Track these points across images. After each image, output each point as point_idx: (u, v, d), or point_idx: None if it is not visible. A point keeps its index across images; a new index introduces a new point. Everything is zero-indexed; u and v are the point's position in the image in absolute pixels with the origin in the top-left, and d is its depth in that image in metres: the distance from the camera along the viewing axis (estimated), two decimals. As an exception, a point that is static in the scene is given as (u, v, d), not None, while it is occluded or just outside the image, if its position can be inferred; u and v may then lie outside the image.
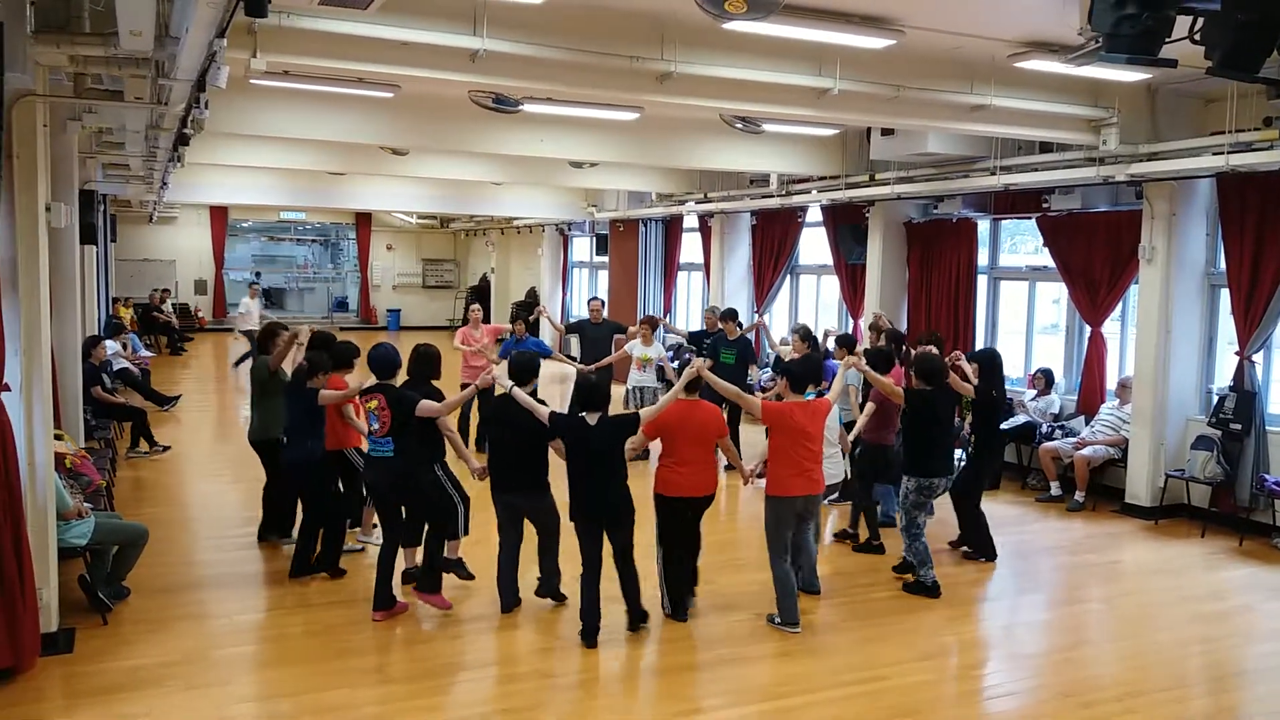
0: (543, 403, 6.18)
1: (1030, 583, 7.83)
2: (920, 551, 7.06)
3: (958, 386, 7.47)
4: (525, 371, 6.32)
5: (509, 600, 6.44)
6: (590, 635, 5.93)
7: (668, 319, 16.86)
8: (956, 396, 7.51)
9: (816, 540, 7.12)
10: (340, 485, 7.31)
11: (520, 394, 6.14)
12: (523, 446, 6.20)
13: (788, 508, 6.26)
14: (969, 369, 7.93)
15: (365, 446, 6.92)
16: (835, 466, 7.74)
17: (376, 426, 6.28)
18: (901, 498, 7.30)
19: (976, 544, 7.96)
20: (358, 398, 6.63)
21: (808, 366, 6.75)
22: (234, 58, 5.79)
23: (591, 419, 5.96)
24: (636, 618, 6.16)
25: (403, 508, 6.46)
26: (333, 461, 7.17)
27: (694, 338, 11.69)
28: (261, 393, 7.56)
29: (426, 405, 6.19)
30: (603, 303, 11.79)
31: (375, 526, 7.50)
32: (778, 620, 6.32)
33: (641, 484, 6.34)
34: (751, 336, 11.33)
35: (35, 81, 5.36)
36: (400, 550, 6.55)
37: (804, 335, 9.51)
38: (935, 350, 8.39)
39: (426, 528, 6.41)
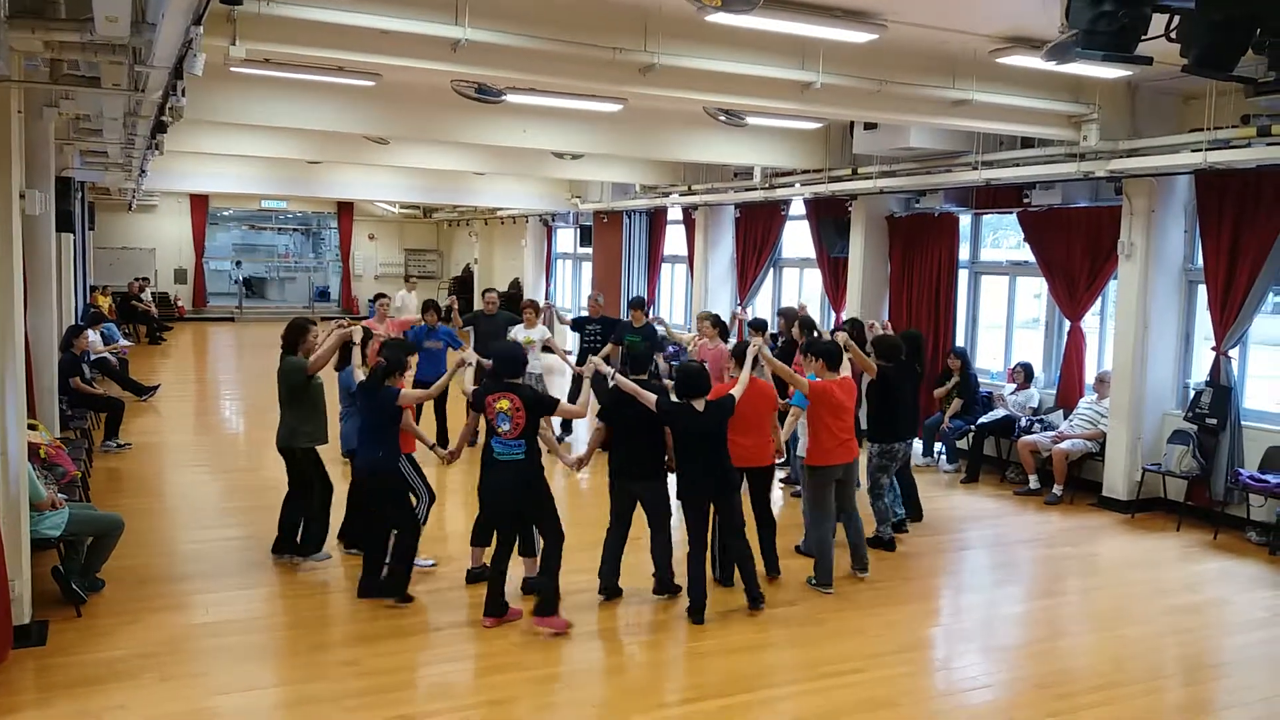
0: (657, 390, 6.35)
1: (1007, 575, 7.89)
2: (881, 511, 7.94)
3: (861, 364, 7.74)
4: (639, 360, 6.38)
5: (611, 589, 6.55)
6: (698, 612, 6.21)
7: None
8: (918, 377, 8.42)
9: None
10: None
11: (625, 382, 6.25)
12: (642, 433, 6.31)
13: (828, 475, 6.93)
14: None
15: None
16: None
17: (508, 428, 5.90)
18: (866, 461, 7.90)
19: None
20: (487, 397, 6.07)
21: (836, 347, 7.17)
22: (214, 45, 5.73)
23: (699, 405, 6.17)
24: (755, 597, 6.41)
25: (522, 514, 6.20)
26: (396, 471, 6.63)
27: (576, 324, 11.77)
28: (292, 395, 6.99)
29: (567, 407, 6.28)
30: (498, 294, 11.76)
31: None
32: (814, 581, 6.95)
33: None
34: (660, 329, 11.48)
35: (9, 67, 5.28)
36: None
37: (714, 322, 10.01)
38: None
39: (541, 537, 6.18)
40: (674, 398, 6.26)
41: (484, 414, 6.01)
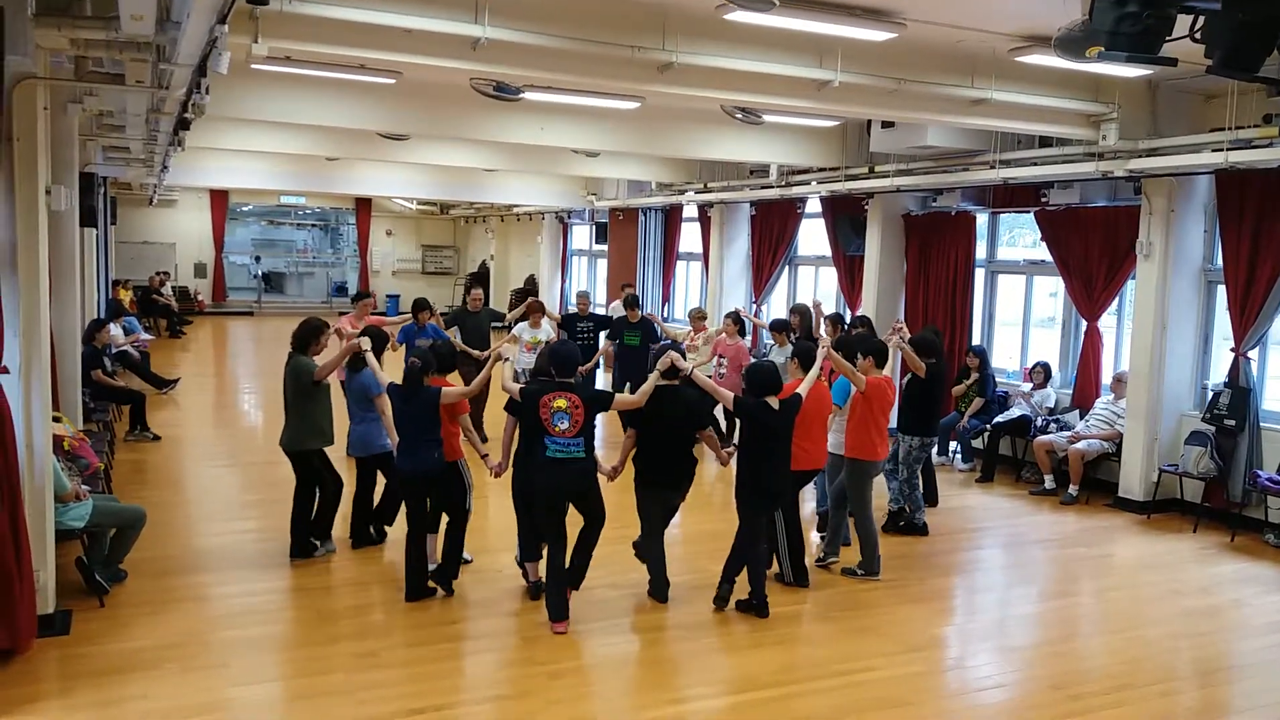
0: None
1: (1021, 575, 7.88)
2: (917, 500, 8.40)
3: (911, 364, 8.11)
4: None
5: (664, 591, 6.54)
6: (764, 608, 6.35)
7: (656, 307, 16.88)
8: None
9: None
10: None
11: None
12: (676, 439, 6.39)
13: (875, 469, 7.28)
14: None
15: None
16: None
17: (566, 426, 5.92)
18: (904, 454, 8.31)
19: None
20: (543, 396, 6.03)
21: (884, 346, 7.52)
22: (236, 43, 5.78)
23: (774, 403, 6.24)
24: (763, 604, 6.39)
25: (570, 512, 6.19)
26: (450, 472, 6.56)
27: (566, 321, 11.75)
28: (302, 396, 6.98)
29: (624, 399, 6.39)
30: (484, 290, 11.69)
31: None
32: (860, 571, 7.15)
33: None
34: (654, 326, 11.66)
35: (36, 64, 5.35)
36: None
37: (735, 319, 10.66)
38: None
39: (584, 537, 6.20)
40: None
41: (535, 414, 5.92)
